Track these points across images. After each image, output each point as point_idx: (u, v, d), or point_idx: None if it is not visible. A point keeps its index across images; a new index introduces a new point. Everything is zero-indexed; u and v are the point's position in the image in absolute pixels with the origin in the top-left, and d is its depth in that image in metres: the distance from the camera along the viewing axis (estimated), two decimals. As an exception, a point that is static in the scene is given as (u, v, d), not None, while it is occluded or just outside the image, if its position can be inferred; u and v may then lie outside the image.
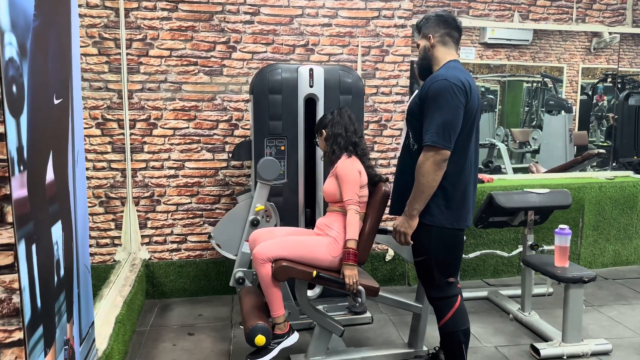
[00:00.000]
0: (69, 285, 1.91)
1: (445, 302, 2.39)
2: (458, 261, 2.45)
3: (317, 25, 3.72)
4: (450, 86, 2.21)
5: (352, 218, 2.55)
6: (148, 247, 3.71)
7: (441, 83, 2.23)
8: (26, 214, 1.46)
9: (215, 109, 3.67)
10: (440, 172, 2.23)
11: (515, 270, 4.23)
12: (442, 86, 2.22)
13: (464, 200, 2.34)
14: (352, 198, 2.56)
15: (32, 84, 1.51)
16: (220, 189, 3.75)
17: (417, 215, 2.30)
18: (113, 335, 2.55)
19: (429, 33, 2.41)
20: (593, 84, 4.64)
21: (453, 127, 2.22)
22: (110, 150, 3.59)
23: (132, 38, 3.52)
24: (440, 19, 2.41)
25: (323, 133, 2.77)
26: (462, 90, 2.23)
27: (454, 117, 2.21)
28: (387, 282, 3.98)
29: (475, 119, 2.32)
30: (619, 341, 3.11)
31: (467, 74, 2.34)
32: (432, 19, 2.43)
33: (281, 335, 2.57)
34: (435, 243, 2.34)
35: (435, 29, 2.40)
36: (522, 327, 3.30)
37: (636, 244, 4.49)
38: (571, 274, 2.89)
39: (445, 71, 2.29)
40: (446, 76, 2.24)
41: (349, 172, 2.60)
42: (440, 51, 2.39)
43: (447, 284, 2.39)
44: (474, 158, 2.38)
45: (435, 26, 2.41)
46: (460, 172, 2.31)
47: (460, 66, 2.38)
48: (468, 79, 2.28)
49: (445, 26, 2.40)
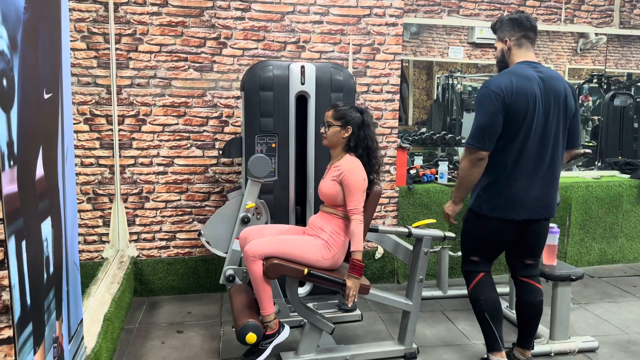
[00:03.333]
0: (59, 283, 1.89)
1: (467, 274, 2.73)
2: (484, 245, 2.67)
3: (308, 23, 3.71)
4: (489, 94, 2.45)
5: (357, 228, 2.53)
6: (136, 245, 3.68)
7: (482, 91, 2.50)
8: (16, 209, 1.43)
9: (206, 105, 3.65)
10: (476, 169, 2.52)
11: (503, 269, 4.27)
12: (482, 94, 2.49)
13: (505, 194, 2.52)
14: (357, 207, 2.55)
15: (22, 78, 1.48)
16: (210, 186, 3.73)
17: (460, 202, 2.69)
18: (102, 333, 2.53)
19: (505, 37, 2.59)
20: (579, 85, 4.69)
21: (488, 130, 2.45)
22: (98, 146, 3.55)
23: (121, 33, 3.48)
24: (516, 23, 2.56)
25: (349, 130, 2.62)
26: (500, 97, 2.42)
27: (491, 121, 2.44)
28: (377, 280, 4.00)
29: (527, 120, 2.45)
30: (605, 338, 3.15)
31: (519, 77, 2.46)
32: (506, 22, 2.59)
33: (272, 334, 2.57)
34: (466, 222, 2.71)
35: (512, 32, 2.57)
36: (511, 324, 3.33)
37: (621, 243, 4.56)
38: (559, 272, 2.92)
39: (496, 78, 2.50)
40: (489, 84, 2.48)
41: (358, 182, 2.57)
42: (515, 54, 2.57)
43: (470, 261, 2.70)
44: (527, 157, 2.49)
45: (510, 29, 2.57)
46: (503, 168, 2.51)
47: (523, 69, 2.50)
48: (513, 83, 2.43)
49: (520, 29, 2.56)
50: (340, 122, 2.63)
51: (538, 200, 2.53)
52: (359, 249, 2.52)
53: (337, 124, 2.63)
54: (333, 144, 2.67)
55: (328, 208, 2.67)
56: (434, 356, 2.91)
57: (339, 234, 2.63)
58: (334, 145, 2.67)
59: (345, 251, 2.67)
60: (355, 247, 2.52)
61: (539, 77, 2.47)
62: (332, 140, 2.65)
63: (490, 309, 2.63)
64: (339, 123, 2.63)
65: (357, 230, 2.53)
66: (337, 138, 2.64)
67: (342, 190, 2.59)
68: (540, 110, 2.45)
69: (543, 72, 2.50)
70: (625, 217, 4.53)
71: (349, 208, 2.56)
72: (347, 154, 2.66)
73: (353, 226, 2.54)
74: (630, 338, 3.18)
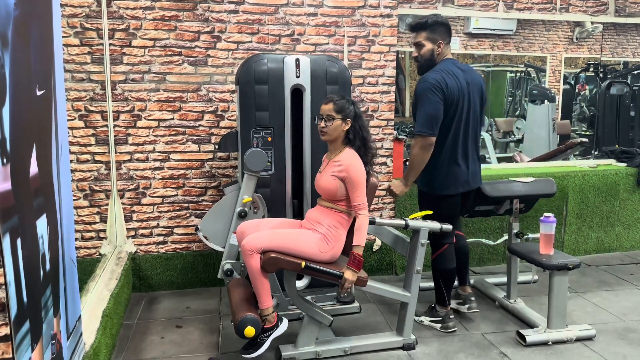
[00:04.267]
0: (55, 279, 1.89)
1: (434, 244, 3.10)
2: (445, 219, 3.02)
3: (302, 15, 3.69)
4: (430, 87, 2.86)
5: (363, 223, 2.55)
6: (134, 240, 3.68)
7: (423, 85, 2.89)
8: (10, 207, 1.43)
9: (201, 99, 3.64)
10: (427, 154, 2.91)
11: (500, 259, 4.28)
12: (423, 87, 2.89)
13: (447, 172, 2.99)
14: (363, 202, 2.56)
15: (13, 75, 1.47)
16: (207, 180, 3.73)
17: (410, 184, 3.06)
18: (100, 329, 2.53)
19: (438, 39, 2.97)
20: (575, 74, 4.68)
21: (435, 118, 2.87)
22: (93, 143, 3.54)
23: (114, 28, 3.46)
24: (447, 28, 2.98)
25: (348, 123, 2.62)
26: (439, 89, 2.86)
27: (436, 110, 2.86)
28: (375, 272, 4.00)
29: (457, 106, 2.92)
30: (603, 326, 3.17)
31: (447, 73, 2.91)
32: (440, 26, 2.96)
33: (270, 327, 2.57)
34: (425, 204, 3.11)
35: (444, 37, 2.97)
36: (508, 314, 3.34)
37: (618, 231, 4.57)
38: (556, 261, 2.93)
39: (431, 73, 2.92)
40: (427, 78, 2.89)
41: (361, 177, 2.58)
42: (443, 54, 2.99)
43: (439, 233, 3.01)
44: (462, 139, 2.99)
45: (443, 33, 2.97)
46: (445, 152, 2.96)
47: (450, 66, 2.96)
48: (445, 78, 2.88)
49: (449, 33, 3.00)
50: (341, 115, 2.61)
51: (473, 174, 3.06)
52: (361, 244, 2.53)
53: (339, 117, 2.61)
54: (333, 138, 2.65)
55: (326, 202, 2.67)
56: (432, 347, 2.93)
57: (337, 227, 2.63)
58: (334, 139, 2.66)
59: (342, 245, 2.67)
60: (358, 241, 2.54)
61: (462, 72, 2.95)
62: (332, 134, 2.63)
63: (447, 279, 3.13)
64: (340, 116, 2.61)
65: (363, 225, 2.55)
66: (338, 132, 2.62)
67: (343, 186, 2.59)
68: (466, 98, 2.93)
69: (463, 67, 3.01)
70: (622, 206, 4.54)
71: (355, 204, 2.56)
72: (346, 148, 2.65)
73: (360, 221, 2.55)
74: (627, 326, 3.19)
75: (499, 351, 2.88)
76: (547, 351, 2.88)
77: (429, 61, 3.00)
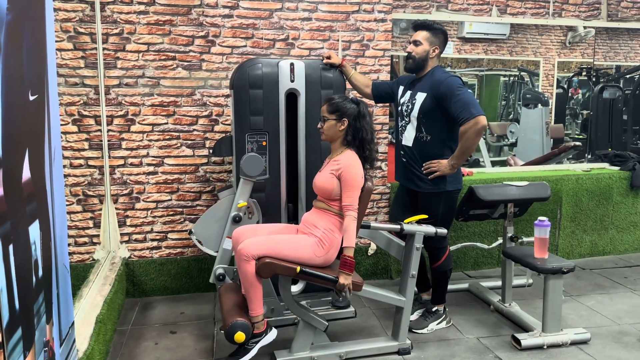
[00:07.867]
0: (48, 286, 1.87)
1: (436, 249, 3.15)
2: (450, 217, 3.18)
3: (297, 19, 3.69)
4: (459, 80, 2.98)
5: (351, 224, 2.54)
6: (128, 246, 3.66)
7: (454, 78, 2.98)
8: (2, 213, 1.42)
9: (195, 104, 3.63)
10: (480, 137, 2.96)
11: (495, 262, 4.29)
12: (456, 80, 2.97)
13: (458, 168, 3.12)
14: (352, 204, 2.55)
15: (6, 79, 1.46)
16: (201, 185, 3.71)
17: (455, 168, 3.02)
18: (94, 335, 2.51)
19: (436, 45, 3.06)
20: (568, 78, 4.71)
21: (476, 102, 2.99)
22: (87, 147, 3.52)
23: (108, 32, 3.45)
24: (446, 38, 3.10)
25: (344, 122, 2.61)
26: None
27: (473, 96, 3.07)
28: (370, 276, 4.00)
29: None
30: (597, 330, 3.17)
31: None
32: (442, 34, 3.07)
33: (259, 334, 2.56)
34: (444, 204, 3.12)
35: (441, 45, 3.08)
36: (503, 318, 3.35)
37: (612, 235, 4.59)
38: (550, 265, 2.94)
39: (446, 73, 3.05)
40: (449, 75, 3.00)
41: (356, 178, 2.57)
42: (434, 60, 3.09)
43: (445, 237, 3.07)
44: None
45: (442, 42, 3.08)
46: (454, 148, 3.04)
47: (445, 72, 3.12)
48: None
49: (445, 44, 3.11)
50: (335, 115, 2.62)
51: None
52: (350, 245, 2.52)
53: (332, 118, 2.62)
54: (331, 138, 2.67)
55: (321, 203, 2.67)
56: (427, 351, 2.92)
57: (333, 230, 2.62)
58: (332, 139, 2.67)
59: (338, 248, 2.67)
60: (347, 243, 2.52)
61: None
62: (329, 134, 2.65)
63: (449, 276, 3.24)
64: (334, 116, 2.62)
65: (350, 227, 2.53)
66: (333, 132, 2.64)
67: (339, 185, 2.59)
68: None
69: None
70: (615, 209, 4.56)
71: (343, 203, 2.56)
72: (347, 149, 2.65)
73: (346, 222, 2.54)
74: (622, 329, 3.20)
75: (494, 355, 2.88)
76: (542, 355, 2.88)
77: (421, 62, 3.06)
